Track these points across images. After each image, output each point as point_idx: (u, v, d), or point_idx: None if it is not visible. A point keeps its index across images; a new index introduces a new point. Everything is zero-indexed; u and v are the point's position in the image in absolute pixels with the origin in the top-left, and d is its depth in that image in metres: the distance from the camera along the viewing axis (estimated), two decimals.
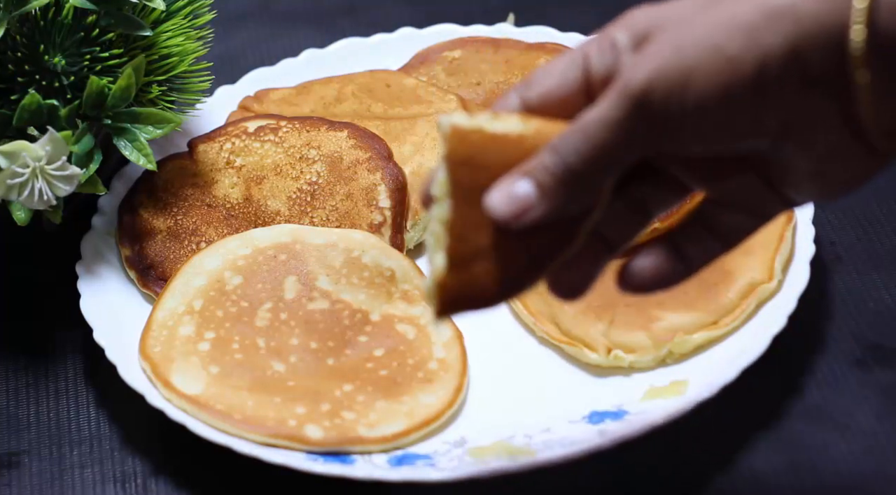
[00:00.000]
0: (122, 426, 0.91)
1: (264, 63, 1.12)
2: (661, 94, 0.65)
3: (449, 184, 0.67)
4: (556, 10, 1.17)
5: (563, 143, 0.67)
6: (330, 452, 0.85)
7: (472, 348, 0.91)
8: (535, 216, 0.67)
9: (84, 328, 0.92)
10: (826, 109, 0.65)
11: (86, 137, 0.92)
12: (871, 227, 0.98)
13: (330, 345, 0.90)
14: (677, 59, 0.65)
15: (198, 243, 0.97)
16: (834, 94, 0.65)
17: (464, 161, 0.67)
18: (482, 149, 0.67)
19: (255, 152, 1.01)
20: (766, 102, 0.65)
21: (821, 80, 0.64)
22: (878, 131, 0.65)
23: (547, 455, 0.83)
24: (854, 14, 0.63)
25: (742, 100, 0.65)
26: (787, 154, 0.67)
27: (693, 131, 0.66)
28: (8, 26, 0.90)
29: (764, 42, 0.64)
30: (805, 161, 0.67)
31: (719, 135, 0.66)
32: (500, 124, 0.68)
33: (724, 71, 0.64)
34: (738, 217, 0.70)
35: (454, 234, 0.67)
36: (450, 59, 1.08)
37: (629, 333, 0.89)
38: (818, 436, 0.86)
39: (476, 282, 0.67)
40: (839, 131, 0.66)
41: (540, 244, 0.68)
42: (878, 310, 0.92)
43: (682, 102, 0.65)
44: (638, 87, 0.65)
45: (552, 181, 0.67)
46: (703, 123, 0.65)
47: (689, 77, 0.65)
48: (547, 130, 0.68)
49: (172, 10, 0.97)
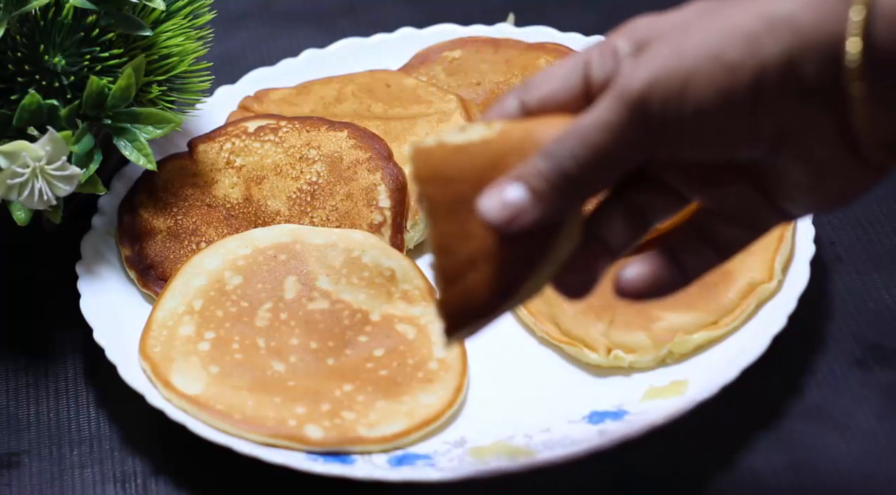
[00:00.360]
0: (122, 426, 0.91)
1: (264, 63, 1.12)
2: (659, 99, 0.65)
3: (425, 203, 0.67)
4: (556, 10, 1.17)
5: (559, 148, 0.66)
6: (330, 452, 0.85)
7: (473, 348, 0.91)
8: (529, 221, 0.67)
9: (84, 328, 0.92)
10: (822, 120, 0.65)
11: (86, 137, 0.92)
12: (871, 227, 0.98)
13: (330, 345, 0.90)
14: (676, 65, 0.65)
15: (198, 243, 0.97)
16: (830, 106, 0.65)
17: (430, 178, 0.67)
18: (446, 163, 0.67)
19: (255, 152, 1.01)
20: (763, 110, 0.65)
21: (817, 90, 0.64)
22: (873, 144, 0.65)
23: (547, 455, 0.83)
24: (850, 27, 0.63)
25: (740, 107, 0.65)
26: (783, 165, 0.67)
27: (691, 137, 0.66)
28: (8, 26, 0.90)
29: (763, 51, 0.64)
30: (800, 172, 0.67)
31: (716, 142, 0.66)
32: (462, 135, 0.68)
33: (723, 78, 0.64)
34: (735, 229, 0.70)
35: (440, 250, 0.67)
36: (450, 59, 1.08)
37: (629, 333, 0.89)
38: (818, 436, 0.86)
39: (473, 293, 0.67)
40: (834, 143, 0.66)
41: (529, 244, 0.68)
42: (878, 310, 0.93)
43: (680, 107, 0.65)
44: (636, 91, 0.65)
45: (546, 186, 0.66)
46: (700, 129, 0.65)
47: (687, 82, 0.65)
48: (511, 131, 0.68)
49: (172, 10, 0.97)
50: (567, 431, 0.86)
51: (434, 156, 0.67)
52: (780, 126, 0.65)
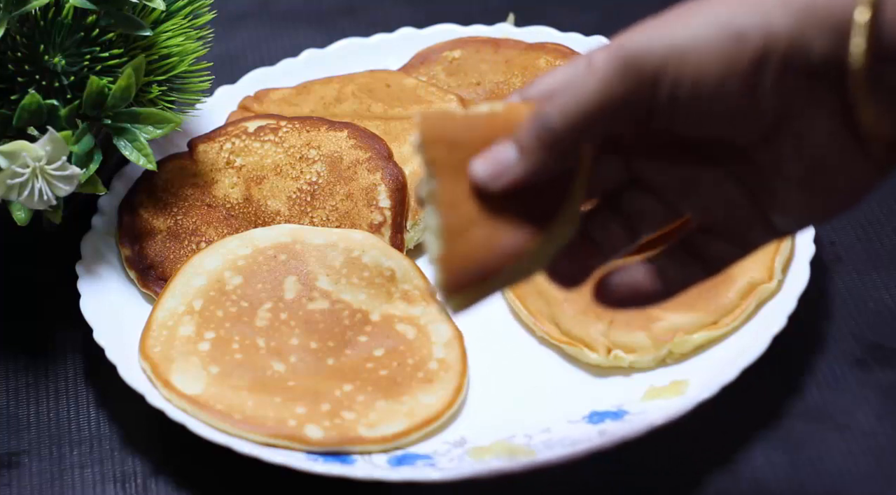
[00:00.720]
0: (122, 426, 0.91)
1: (264, 63, 1.12)
2: (657, 57, 0.64)
3: (429, 164, 0.67)
4: (556, 10, 1.17)
5: (548, 103, 0.66)
6: (330, 452, 0.85)
7: (472, 348, 0.91)
8: (513, 176, 0.66)
9: (84, 328, 0.92)
10: (826, 103, 0.64)
11: (86, 137, 0.92)
12: (871, 227, 0.98)
13: (330, 345, 0.90)
14: (681, 30, 0.64)
15: (198, 243, 0.97)
16: (836, 90, 0.64)
17: (436, 141, 0.67)
18: (453, 129, 0.68)
19: (255, 152, 1.01)
20: (767, 84, 0.64)
21: (824, 71, 0.64)
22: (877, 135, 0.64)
23: (547, 455, 0.83)
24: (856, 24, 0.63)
25: (743, 77, 0.64)
26: (777, 152, 0.66)
27: (686, 106, 0.65)
28: (8, 26, 0.90)
29: (773, 21, 0.63)
30: (795, 162, 0.66)
31: (713, 114, 0.65)
32: (469, 109, 0.69)
33: (729, 43, 0.63)
34: (723, 245, 0.70)
35: (444, 203, 0.67)
36: (450, 59, 1.08)
37: (629, 333, 0.89)
38: (818, 436, 0.86)
39: (474, 249, 0.67)
40: (836, 131, 0.65)
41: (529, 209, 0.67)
42: (878, 310, 0.92)
43: (678, 70, 0.64)
44: (633, 48, 0.64)
45: (530, 141, 0.66)
46: (698, 98, 0.64)
47: (689, 46, 0.64)
48: (517, 106, 0.68)
49: (172, 10, 0.97)
50: (567, 431, 0.86)
51: (441, 123, 0.68)
52: (783, 103, 0.64)
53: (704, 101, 0.65)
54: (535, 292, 0.92)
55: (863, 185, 0.67)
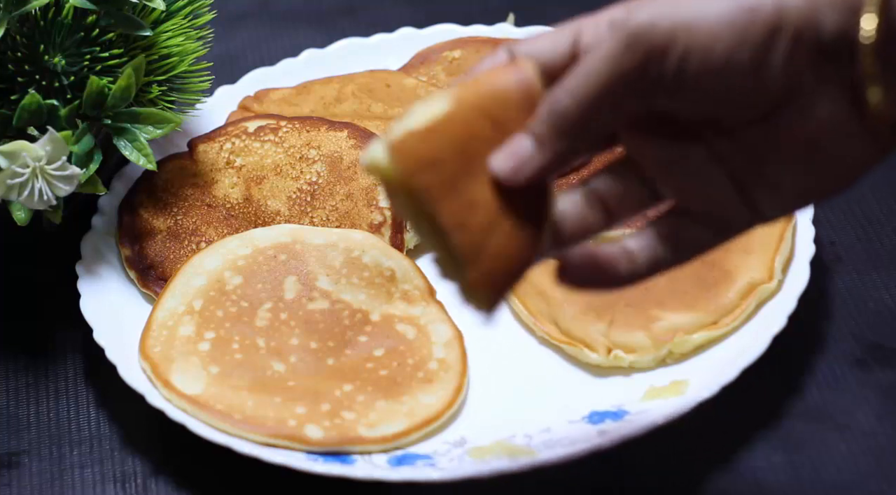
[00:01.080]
0: (122, 426, 0.91)
1: (264, 63, 1.12)
2: (664, 30, 0.63)
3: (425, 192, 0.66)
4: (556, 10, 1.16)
5: (559, 89, 0.65)
6: (330, 452, 0.85)
7: (472, 348, 0.91)
8: (533, 168, 0.66)
9: (84, 328, 0.92)
10: (833, 81, 0.64)
11: (86, 137, 0.92)
12: (871, 227, 0.98)
13: (330, 345, 0.90)
14: (689, 2, 0.63)
15: (198, 243, 0.97)
16: (844, 68, 0.63)
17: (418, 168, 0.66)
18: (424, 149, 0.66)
19: (255, 152, 1.01)
20: (777, 60, 0.63)
21: (833, 48, 0.63)
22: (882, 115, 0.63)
23: (547, 455, 0.83)
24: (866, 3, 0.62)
25: (753, 50, 0.63)
26: (776, 131, 0.65)
27: (694, 80, 0.64)
28: (8, 26, 0.90)
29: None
30: (795, 142, 0.65)
31: (720, 89, 0.64)
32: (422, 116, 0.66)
33: (740, 14, 0.63)
34: (698, 230, 0.69)
35: (454, 227, 0.66)
36: (450, 59, 1.08)
37: (629, 333, 0.89)
38: (818, 436, 0.86)
39: (503, 256, 0.66)
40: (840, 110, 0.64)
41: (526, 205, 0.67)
42: (878, 310, 0.93)
43: (688, 42, 0.63)
44: (640, 21, 0.63)
45: (546, 129, 0.65)
46: (705, 71, 0.63)
47: (699, 18, 0.63)
48: (463, 96, 0.67)
49: (172, 10, 0.97)
50: (567, 431, 0.86)
51: (410, 147, 0.66)
52: (789, 80, 0.64)
53: (712, 75, 0.64)
54: (535, 292, 0.92)
55: (860, 166, 0.66)
